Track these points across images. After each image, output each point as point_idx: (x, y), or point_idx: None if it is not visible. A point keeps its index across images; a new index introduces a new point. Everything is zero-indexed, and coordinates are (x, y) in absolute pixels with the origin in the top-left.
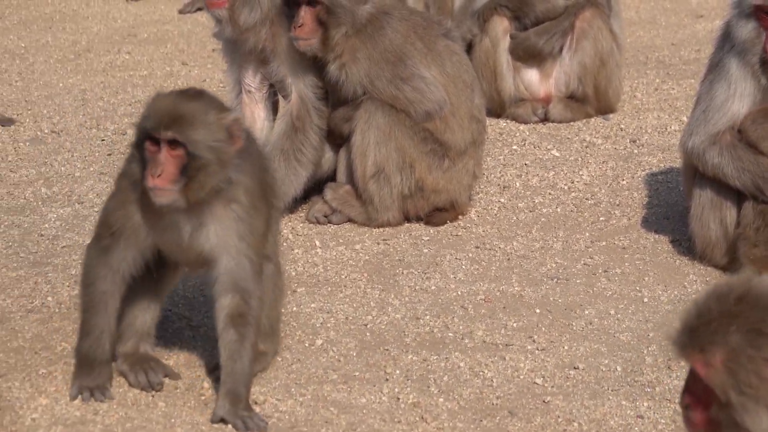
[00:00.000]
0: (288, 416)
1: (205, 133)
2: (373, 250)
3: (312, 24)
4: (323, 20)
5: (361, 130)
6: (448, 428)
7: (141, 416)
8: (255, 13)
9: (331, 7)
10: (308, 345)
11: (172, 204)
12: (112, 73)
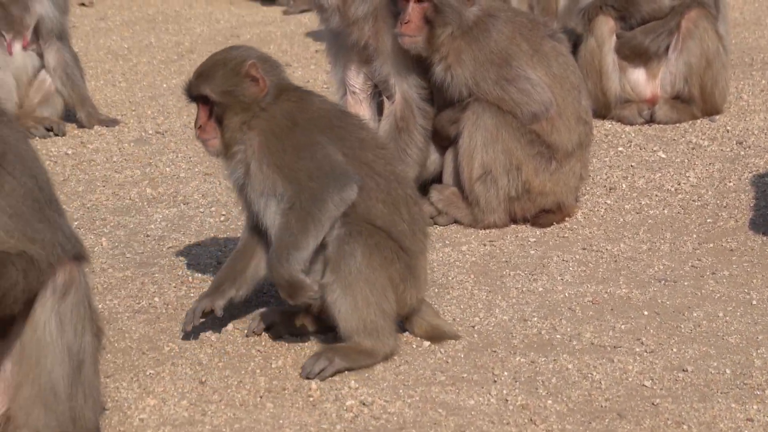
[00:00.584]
0: (396, 418)
1: (221, 82)
2: (480, 252)
3: (419, 21)
4: (430, 18)
5: (468, 132)
6: (556, 430)
7: (249, 417)
8: (366, 4)
9: (439, 6)
10: (416, 346)
11: (218, 153)
12: None
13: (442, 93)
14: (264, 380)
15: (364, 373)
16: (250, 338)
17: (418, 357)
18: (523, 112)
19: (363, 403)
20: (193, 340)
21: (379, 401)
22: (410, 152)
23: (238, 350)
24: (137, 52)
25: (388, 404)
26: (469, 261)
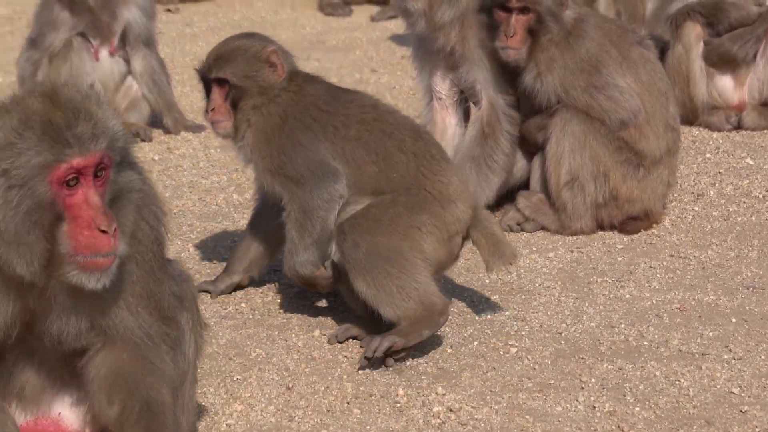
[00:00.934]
0: (483, 424)
1: (243, 66)
2: (567, 258)
3: (523, 33)
4: (534, 29)
5: (556, 138)
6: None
7: (336, 423)
8: (452, 9)
9: (542, 15)
10: (503, 353)
11: (227, 135)
12: None
13: (529, 100)
14: (351, 386)
15: (451, 379)
16: (336, 345)
17: (505, 363)
18: (611, 119)
19: (450, 410)
20: (280, 345)
21: (466, 407)
22: (496, 158)
23: (325, 356)
24: None
25: (475, 410)
26: (556, 267)
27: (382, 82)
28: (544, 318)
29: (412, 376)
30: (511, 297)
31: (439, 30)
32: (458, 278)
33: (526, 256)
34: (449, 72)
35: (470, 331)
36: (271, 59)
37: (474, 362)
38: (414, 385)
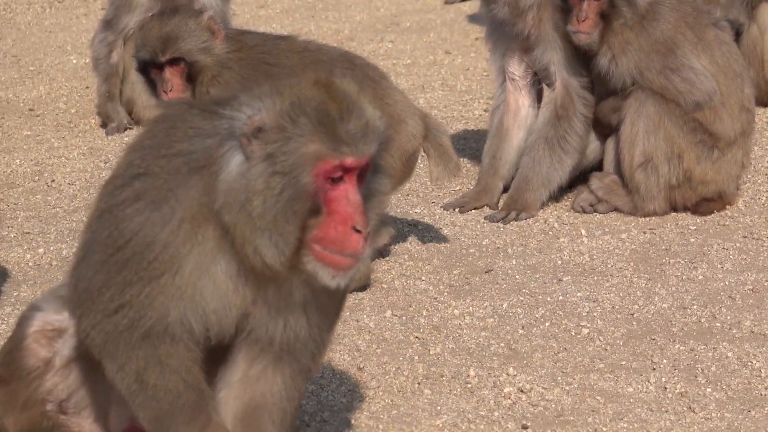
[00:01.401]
0: (554, 405)
1: (194, 41)
2: (639, 240)
3: (595, 17)
4: (606, 13)
5: (630, 120)
6: (716, 418)
7: (407, 403)
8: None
9: (615, 0)
10: (574, 334)
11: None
12: (375, 61)
13: (604, 82)
14: (422, 367)
15: (522, 360)
16: (408, 325)
17: (576, 344)
18: (686, 101)
19: (521, 390)
20: (351, 326)
21: (538, 388)
22: (570, 140)
23: (396, 337)
24: None
25: (546, 391)
26: (629, 249)
27: (456, 63)
28: (616, 299)
29: (483, 356)
30: (583, 278)
31: (520, 15)
32: (530, 259)
33: (599, 237)
34: (523, 54)
35: (542, 312)
36: (211, 27)
37: (545, 343)
38: (485, 366)
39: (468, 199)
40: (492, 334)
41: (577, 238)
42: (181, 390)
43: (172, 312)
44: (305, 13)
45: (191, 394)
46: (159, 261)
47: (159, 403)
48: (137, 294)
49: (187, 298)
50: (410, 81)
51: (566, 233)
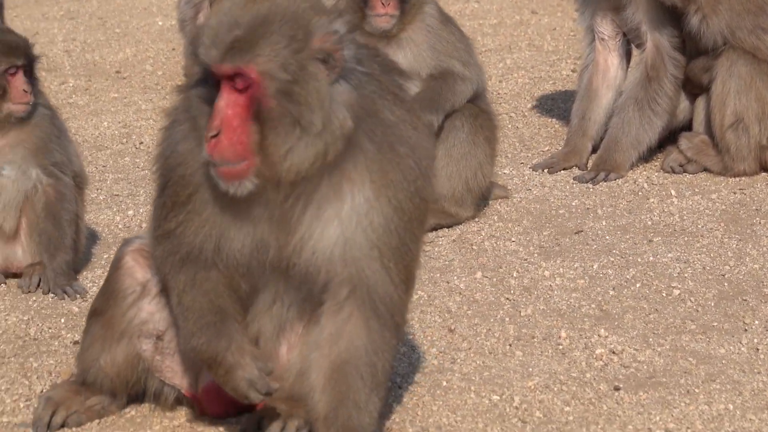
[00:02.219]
0: (646, 366)
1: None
2: (730, 200)
3: None
4: None
5: (721, 80)
6: None
7: (498, 365)
8: None
9: None
10: (665, 295)
11: (389, 28)
12: (461, 21)
13: (695, 42)
14: (513, 328)
15: (614, 321)
16: (498, 286)
17: (667, 305)
18: None
19: (612, 352)
20: (441, 288)
21: (629, 349)
22: (660, 101)
23: (487, 298)
24: None
25: (637, 353)
26: (719, 209)
27: (543, 23)
28: (706, 260)
29: (575, 318)
30: (673, 239)
31: None
32: (620, 220)
33: (689, 197)
34: (613, 13)
35: (633, 273)
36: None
37: (636, 304)
38: (576, 327)
39: (557, 160)
40: (583, 296)
41: (667, 198)
42: (205, 310)
43: (201, 238)
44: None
45: (215, 316)
46: (185, 184)
47: (187, 323)
48: (174, 219)
49: (211, 223)
50: (497, 41)
51: (656, 194)
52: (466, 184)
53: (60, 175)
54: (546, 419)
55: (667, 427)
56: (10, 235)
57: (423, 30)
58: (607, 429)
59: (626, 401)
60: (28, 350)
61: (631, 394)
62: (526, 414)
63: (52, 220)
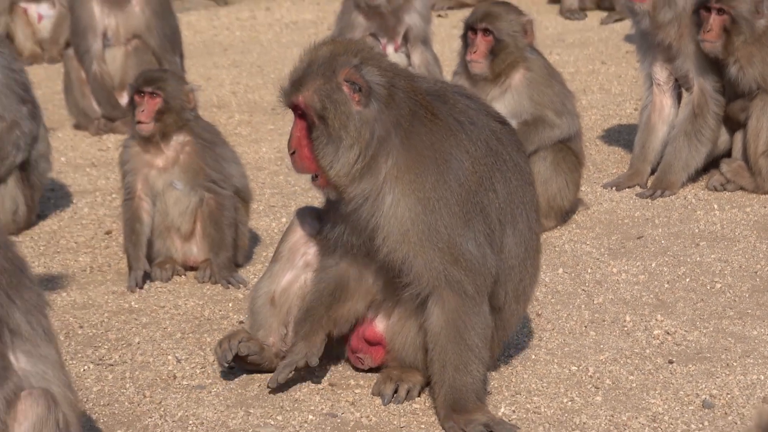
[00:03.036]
0: (694, 344)
1: (507, 25)
2: (761, 213)
3: (718, 30)
4: (728, 28)
5: (756, 117)
6: None
7: (576, 342)
8: (671, 11)
9: (735, 18)
10: (709, 288)
11: (482, 73)
12: None
13: (733, 87)
14: (588, 313)
15: (668, 308)
16: (575, 280)
17: (711, 296)
18: None
19: (667, 333)
20: None
21: (680, 331)
22: (705, 132)
23: (566, 289)
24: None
25: (687, 333)
26: (752, 220)
27: (611, 71)
28: (742, 260)
29: (637, 305)
30: (716, 243)
31: (660, 27)
32: (673, 228)
33: (728, 210)
34: (667, 63)
35: (683, 270)
36: (525, 27)
37: (686, 295)
38: (638, 313)
39: (623, 180)
40: (643, 288)
41: (711, 211)
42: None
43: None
44: None
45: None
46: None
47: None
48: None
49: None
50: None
51: (702, 207)
52: (548, 203)
53: (219, 190)
54: (614, 386)
55: (711, 393)
56: (187, 235)
57: (524, 81)
58: (663, 394)
59: (678, 372)
60: (203, 328)
61: (682, 367)
62: (598, 381)
63: (215, 225)
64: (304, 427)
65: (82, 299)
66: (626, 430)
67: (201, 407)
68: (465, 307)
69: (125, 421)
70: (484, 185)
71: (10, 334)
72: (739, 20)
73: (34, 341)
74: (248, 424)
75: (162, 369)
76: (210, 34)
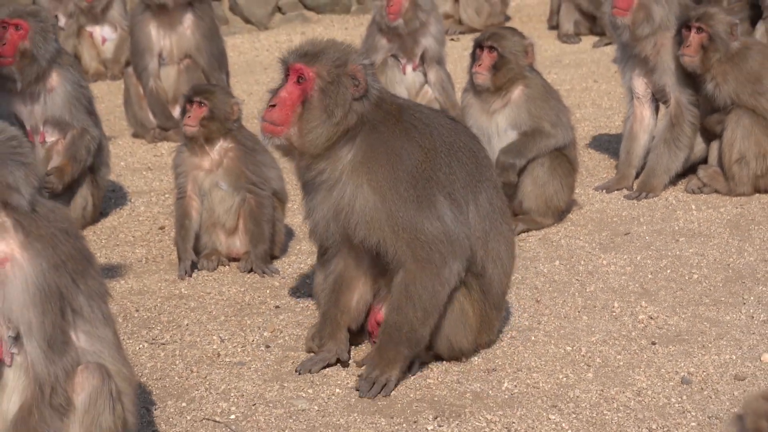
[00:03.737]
0: (674, 328)
1: (510, 45)
2: (733, 213)
3: (696, 47)
4: (705, 46)
5: (731, 128)
6: None
7: (570, 325)
8: (648, 26)
9: (713, 36)
10: (688, 278)
11: (484, 84)
12: None
13: (710, 101)
14: (581, 300)
15: (651, 296)
16: (570, 270)
17: (689, 285)
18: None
19: (650, 317)
20: (530, 272)
21: (662, 316)
22: (682, 140)
23: (563, 279)
24: None
25: (668, 318)
26: (726, 219)
27: (602, 89)
28: (717, 254)
29: (624, 293)
30: (693, 239)
31: (638, 41)
32: (656, 225)
33: (704, 210)
34: (644, 76)
35: (665, 263)
36: (527, 48)
37: (667, 284)
38: (625, 300)
39: (611, 183)
40: (630, 278)
41: (689, 211)
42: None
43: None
44: None
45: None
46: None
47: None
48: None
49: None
50: (569, 101)
51: (681, 207)
52: (545, 203)
53: (258, 191)
54: (604, 364)
55: (689, 371)
56: (231, 230)
57: (523, 96)
58: (646, 371)
59: (660, 352)
60: (244, 312)
61: (664, 347)
62: (590, 360)
63: (254, 221)
64: (332, 399)
65: (138, 286)
66: (614, 403)
67: (241, 381)
68: (423, 271)
69: (175, 393)
70: (443, 170)
71: (73, 315)
72: (716, 39)
73: (93, 323)
74: (283, 396)
75: (207, 348)
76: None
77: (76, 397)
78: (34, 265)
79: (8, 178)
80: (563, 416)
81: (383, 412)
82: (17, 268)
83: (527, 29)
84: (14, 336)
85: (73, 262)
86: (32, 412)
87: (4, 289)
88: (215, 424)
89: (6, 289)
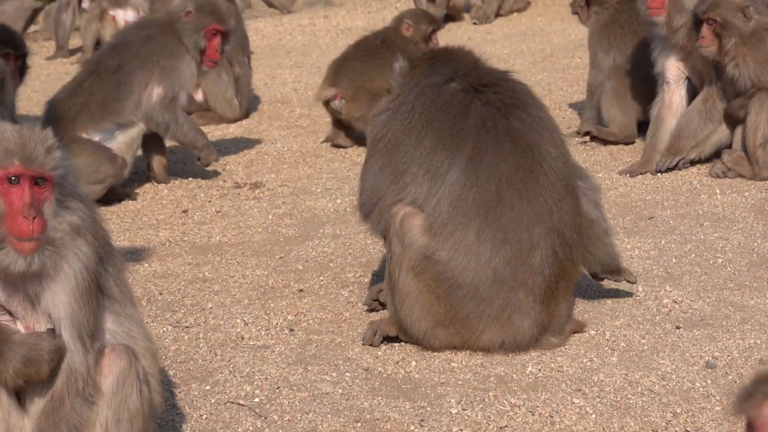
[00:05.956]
0: (699, 312)
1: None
2: (758, 197)
3: (710, 36)
4: (719, 33)
5: (755, 112)
6: None
7: (595, 309)
8: (682, 17)
9: (724, 23)
10: (712, 262)
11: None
12: (568, 71)
13: (733, 85)
14: (605, 284)
15: (676, 280)
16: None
17: (714, 269)
18: None
19: (675, 302)
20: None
21: (686, 300)
22: (713, 114)
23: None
24: (513, 56)
25: (692, 302)
26: (750, 203)
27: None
28: (741, 238)
29: (648, 277)
30: (718, 223)
31: (674, 32)
32: (680, 209)
33: (729, 194)
34: (680, 62)
35: (689, 247)
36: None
37: (692, 269)
38: (649, 284)
39: (635, 167)
40: (654, 262)
41: (714, 195)
42: None
43: None
44: (519, 37)
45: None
46: None
47: None
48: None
49: None
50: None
51: (705, 192)
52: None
53: None
54: (628, 348)
55: (713, 355)
56: None
57: None
58: (671, 356)
59: (684, 336)
60: (267, 295)
61: (688, 332)
62: (614, 344)
63: None
64: (355, 383)
65: (161, 269)
66: (639, 387)
67: (265, 365)
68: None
69: (199, 377)
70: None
71: (103, 298)
72: (727, 25)
73: (122, 302)
74: (306, 379)
75: (231, 331)
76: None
77: (104, 380)
78: (80, 259)
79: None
80: (587, 400)
81: (407, 395)
82: (64, 262)
83: (551, 13)
84: (51, 328)
85: (103, 244)
86: (64, 402)
87: (52, 284)
88: (239, 407)
89: (52, 284)
